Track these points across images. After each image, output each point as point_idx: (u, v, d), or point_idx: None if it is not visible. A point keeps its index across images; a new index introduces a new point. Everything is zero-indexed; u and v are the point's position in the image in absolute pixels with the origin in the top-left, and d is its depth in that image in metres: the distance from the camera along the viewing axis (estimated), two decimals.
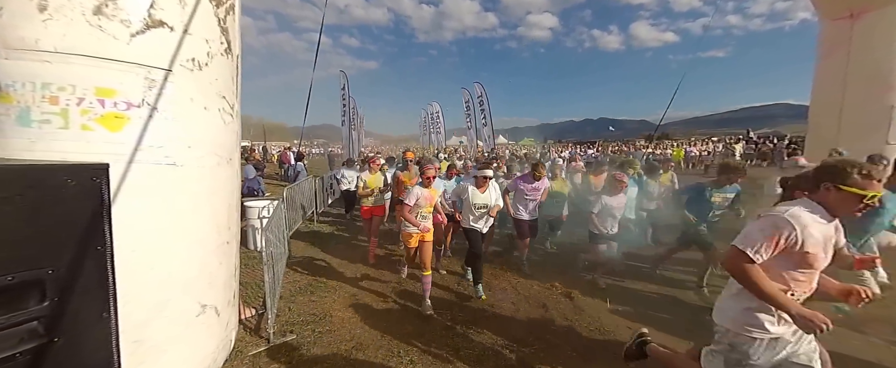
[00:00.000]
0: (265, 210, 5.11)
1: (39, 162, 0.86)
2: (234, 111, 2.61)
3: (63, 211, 0.87)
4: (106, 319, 0.97)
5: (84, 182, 0.91)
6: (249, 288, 3.70)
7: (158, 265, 2.02)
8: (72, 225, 0.89)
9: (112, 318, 0.98)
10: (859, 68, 4.83)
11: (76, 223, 0.89)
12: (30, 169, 0.83)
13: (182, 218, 2.14)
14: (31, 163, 0.84)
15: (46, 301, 0.85)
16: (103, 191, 0.94)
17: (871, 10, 4.57)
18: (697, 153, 19.48)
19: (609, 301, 3.55)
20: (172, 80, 2.07)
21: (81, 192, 0.90)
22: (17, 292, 0.81)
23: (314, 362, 2.58)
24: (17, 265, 0.81)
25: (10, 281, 0.79)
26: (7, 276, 0.79)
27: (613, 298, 3.62)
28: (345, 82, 13.08)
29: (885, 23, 4.49)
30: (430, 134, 23.84)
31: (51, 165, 0.86)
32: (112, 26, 1.87)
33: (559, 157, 12.85)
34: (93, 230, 0.92)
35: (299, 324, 3.11)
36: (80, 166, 0.91)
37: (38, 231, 0.84)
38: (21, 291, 0.82)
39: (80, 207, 0.90)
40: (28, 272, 0.82)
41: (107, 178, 0.96)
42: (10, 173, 0.80)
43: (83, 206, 0.91)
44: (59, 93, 1.78)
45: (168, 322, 2.05)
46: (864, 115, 4.85)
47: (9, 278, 0.79)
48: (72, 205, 0.89)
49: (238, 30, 2.65)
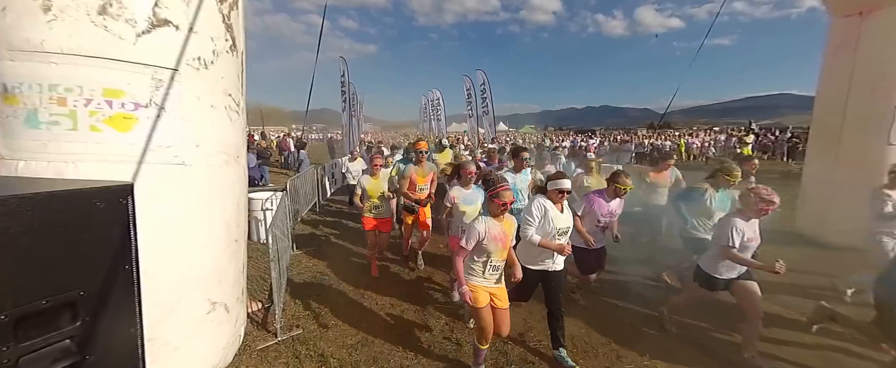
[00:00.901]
0: (268, 202, 5.15)
1: (68, 188, 0.86)
2: (240, 108, 2.60)
3: (93, 234, 0.89)
4: (133, 334, 1.00)
5: (112, 203, 0.92)
6: (255, 281, 3.76)
7: (170, 265, 2.05)
8: (101, 247, 0.91)
9: (138, 332, 1.01)
10: (866, 67, 4.80)
11: (105, 245, 0.92)
12: (60, 195, 0.84)
13: (192, 218, 2.16)
14: (62, 189, 0.85)
15: (78, 321, 0.88)
16: (129, 211, 0.96)
17: (882, 8, 4.50)
18: (699, 144, 19.32)
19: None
20: (179, 79, 2.06)
21: (109, 213, 0.92)
22: (51, 314, 0.84)
23: (321, 357, 2.65)
24: (51, 289, 0.83)
25: (45, 305, 0.82)
26: (42, 300, 0.81)
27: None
28: (344, 69, 12.89)
29: (892, 23, 4.44)
30: (430, 121, 23.69)
31: (81, 189, 0.87)
32: (117, 26, 1.84)
33: (560, 147, 12.84)
34: (121, 249, 0.95)
35: (305, 318, 3.19)
36: (108, 188, 0.92)
37: (70, 254, 0.86)
38: (55, 313, 0.84)
39: (108, 228, 0.92)
40: (61, 294, 0.84)
41: (132, 197, 0.97)
42: (42, 200, 0.81)
43: (111, 227, 0.93)
44: (67, 94, 1.77)
45: (180, 320, 2.10)
46: (868, 113, 4.84)
47: (43, 301, 0.82)
48: (101, 227, 0.91)
49: (242, 26, 2.60)
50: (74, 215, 0.85)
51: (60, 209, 0.83)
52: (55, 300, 0.83)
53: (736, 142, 18.59)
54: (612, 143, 22.62)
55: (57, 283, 0.84)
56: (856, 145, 4.94)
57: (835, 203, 4.90)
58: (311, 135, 26.30)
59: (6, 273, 0.77)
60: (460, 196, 3.26)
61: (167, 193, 2.04)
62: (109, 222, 0.92)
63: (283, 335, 2.87)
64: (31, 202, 0.79)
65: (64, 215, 0.83)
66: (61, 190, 0.84)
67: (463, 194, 3.27)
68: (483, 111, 15.51)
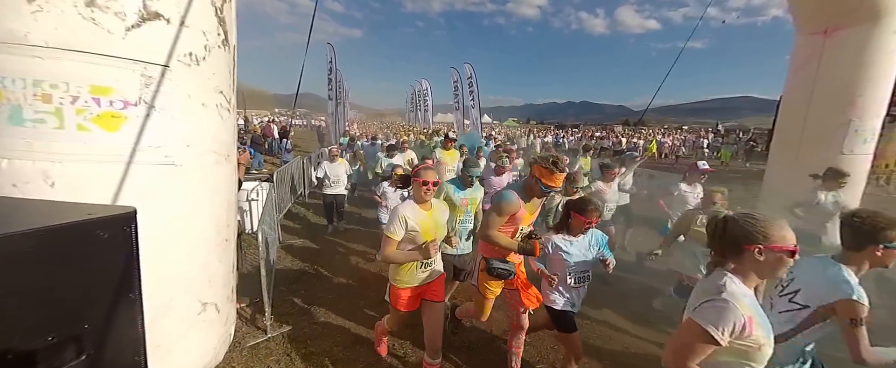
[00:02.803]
0: (254, 192, 5.04)
1: (71, 221, 0.85)
2: (231, 105, 2.54)
3: (97, 265, 0.89)
4: (137, 362, 1.02)
5: (115, 232, 0.92)
6: (242, 275, 3.71)
7: (160, 267, 2.02)
8: (106, 277, 0.90)
9: (142, 361, 1.03)
10: (826, 83, 5.18)
11: (110, 275, 0.91)
12: (63, 229, 0.84)
13: (182, 219, 2.12)
14: (65, 223, 0.84)
15: (83, 355, 0.88)
16: (133, 238, 0.97)
17: (843, 28, 4.85)
18: (670, 144, 20.24)
19: None
20: (170, 76, 1.99)
21: (113, 242, 0.91)
22: (56, 349, 0.84)
23: (311, 355, 2.69)
24: (56, 325, 0.83)
25: (50, 341, 0.82)
26: (48, 336, 0.82)
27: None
28: (332, 56, 12.55)
29: (852, 42, 4.80)
30: (418, 111, 23.55)
31: (84, 221, 0.87)
32: (106, 19, 1.76)
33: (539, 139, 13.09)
34: (125, 279, 0.94)
35: (294, 314, 3.20)
36: (112, 217, 0.91)
37: (75, 288, 0.85)
38: (59, 348, 0.84)
39: (113, 258, 0.91)
40: (66, 328, 0.85)
41: (135, 224, 0.98)
42: (47, 235, 0.81)
43: (116, 256, 0.92)
44: (52, 91, 1.69)
45: (171, 321, 2.09)
46: (826, 126, 5.25)
47: (49, 338, 0.82)
48: (105, 257, 0.90)
49: (234, 19, 2.53)
50: (78, 248, 0.85)
51: (64, 242, 0.83)
52: (60, 334, 0.83)
53: (718, 143, 19.71)
54: (589, 140, 23.19)
55: (62, 317, 0.84)
56: (814, 154, 5.34)
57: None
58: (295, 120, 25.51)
59: (13, 310, 0.78)
60: None
61: (157, 194, 2.00)
62: (113, 252, 0.92)
63: (273, 331, 2.88)
64: (33, 238, 0.79)
65: (67, 248, 0.83)
66: (64, 224, 0.83)
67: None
68: (470, 103, 15.57)
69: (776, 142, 6.45)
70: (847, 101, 4.91)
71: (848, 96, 4.88)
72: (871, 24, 4.68)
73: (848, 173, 4.00)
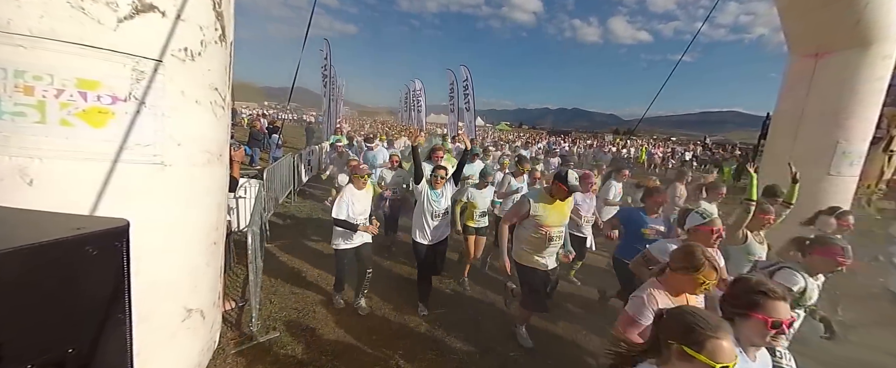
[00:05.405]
0: (242, 190, 4.89)
1: (58, 238, 0.77)
2: (226, 103, 2.44)
3: (85, 284, 0.80)
4: None
5: (106, 249, 0.83)
6: (228, 278, 3.59)
7: (144, 272, 1.91)
8: (94, 298, 0.82)
9: None
10: (816, 104, 5.31)
11: (98, 295, 0.83)
12: (49, 246, 0.76)
13: (170, 221, 2.02)
14: (51, 240, 0.76)
15: None
16: (124, 253, 0.89)
17: (834, 52, 4.98)
18: (661, 155, 20.40)
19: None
20: (162, 71, 1.90)
21: (103, 259, 0.83)
22: None
23: (299, 364, 2.61)
24: (38, 352, 0.74)
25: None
26: (27, 365, 0.74)
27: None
28: (327, 52, 12.36)
29: (842, 66, 4.94)
30: (411, 110, 23.44)
31: (73, 237, 0.78)
32: (97, 9, 1.66)
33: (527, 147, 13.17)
34: (115, 298, 0.86)
35: (282, 319, 3.10)
36: (103, 232, 0.83)
37: (60, 310, 0.78)
38: None
39: (102, 276, 0.83)
40: (48, 354, 0.77)
41: (127, 239, 0.90)
42: (31, 254, 0.73)
43: (105, 274, 0.84)
44: (35, 82, 1.59)
45: (153, 329, 1.98)
46: (814, 145, 5.38)
47: (28, 367, 0.74)
48: (94, 276, 0.81)
49: (232, 14, 2.43)
50: (64, 269, 0.76)
51: (51, 261, 0.75)
52: (42, 361, 0.75)
53: (706, 157, 19.75)
54: (597, 150, 23.27)
55: (45, 342, 0.76)
56: (803, 172, 5.47)
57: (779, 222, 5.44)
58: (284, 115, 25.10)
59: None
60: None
61: (144, 195, 1.90)
62: (103, 270, 0.84)
63: (260, 337, 2.79)
64: (15, 259, 0.69)
65: (52, 268, 0.75)
66: (50, 241, 0.75)
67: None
68: (465, 106, 15.55)
69: (766, 156, 6.60)
70: (836, 122, 5.04)
71: (837, 118, 5.01)
72: (860, 49, 4.82)
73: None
